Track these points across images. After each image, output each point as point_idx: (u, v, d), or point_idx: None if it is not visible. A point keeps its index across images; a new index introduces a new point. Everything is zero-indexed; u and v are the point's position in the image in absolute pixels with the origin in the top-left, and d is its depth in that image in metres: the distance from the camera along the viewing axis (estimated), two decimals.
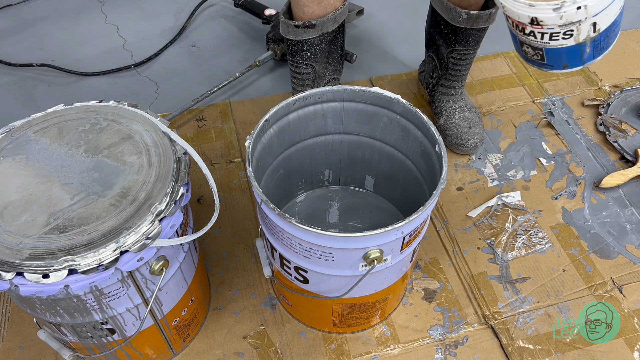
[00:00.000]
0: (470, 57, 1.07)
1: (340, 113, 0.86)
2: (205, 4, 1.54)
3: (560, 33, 0.69)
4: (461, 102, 1.14)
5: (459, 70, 1.09)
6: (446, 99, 1.14)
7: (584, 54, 0.71)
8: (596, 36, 0.69)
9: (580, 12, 0.65)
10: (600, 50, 0.72)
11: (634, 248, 0.98)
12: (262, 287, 0.94)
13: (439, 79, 1.13)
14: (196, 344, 0.87)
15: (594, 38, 0.69)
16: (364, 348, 0.87)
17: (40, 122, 0.72)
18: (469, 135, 1.11)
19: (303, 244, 0.69)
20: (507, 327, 0.88)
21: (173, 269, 0.71)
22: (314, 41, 0.98)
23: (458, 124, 1.12)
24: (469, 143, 1.10)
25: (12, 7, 1.56)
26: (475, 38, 1.02)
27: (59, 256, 0.57)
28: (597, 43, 0.70)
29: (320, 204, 1.00)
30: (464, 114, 1.13)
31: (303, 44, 0.98)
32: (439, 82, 1.14)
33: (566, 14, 0.66)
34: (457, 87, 1.13)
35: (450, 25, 1.01)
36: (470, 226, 1.02)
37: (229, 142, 1.17)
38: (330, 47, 1.02)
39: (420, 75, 1.24)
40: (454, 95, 1.14)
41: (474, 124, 1.12)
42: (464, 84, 1.14)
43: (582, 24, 0.67)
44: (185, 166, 0.68)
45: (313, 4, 0.93)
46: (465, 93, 1.16)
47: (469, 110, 1.14)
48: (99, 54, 1.41)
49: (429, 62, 1.15)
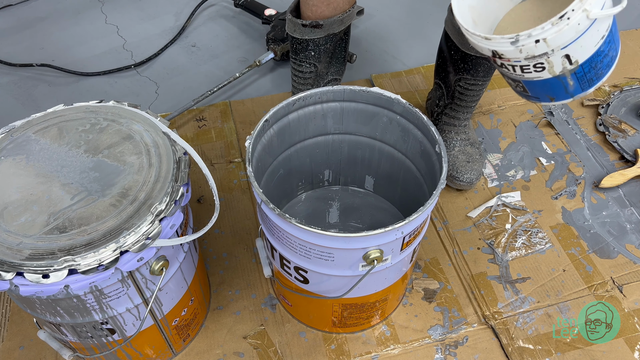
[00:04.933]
0: (478, 88, 1.01)
1: (340, 113, 0.86)
2: (205, 4, 1.54)
3: (530, 66, 0.67)
4: (464, 135, 1.09)
5: (465, 101, 1.03)
6: (448, 129, 1.09)
7: (568, 87, 0.69)
8: (575, 68, 0.66)
9: (541, 46, 0.64)
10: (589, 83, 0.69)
11: (634, 248, 0.98)
12: (262, 287, 0.94)
13: (444, 107, 1.07)
14: (196, 344, 0.87)
15: (574, 70, 0.67)
16: (364, 348, 0.87)
17: (40, 122, 0.72)
18: (465, 170, 1.05)
19: (303, 244, 0.69)
20: (507, 327, 0.88)
21: (173, 269, 0.71)
22: (320, 41, 0.98)
23: (456, 157, 1.06)
24: (465, 178, 1.04)
25: (12, 7, 1.56)
26: (484, 69, 0.97)
27: (59, 256, 0.57)
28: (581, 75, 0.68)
29: (320, 204, 1.00)
30: (464, 147, 1.08)
31: (308, 43, 0.98)
32: (443, 111, 1.08)
33: (525, 47, 0.64)
34: (462, 119, 1.07)
35: (460, 51, 0.96)
36: (470, 226, 1.02)
37: (229, 142, 1.17)
38: (334, 47, 1.02)
39: (427, 102, 1.20)
40: (457, 127, 1.08)
41: (473, 159, 1.07)
42: (469, 117, 1.08)
43: (551, 57, 0.65)
44: (185, 166, 0.68)
45: (322, 5, 0.93)
46: (470, 127, 1.10)
47: (471, 145, 1.09)
48: (99, 54, 1.41)
49: (436, 89, 1.10)
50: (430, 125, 0.76)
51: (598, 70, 0.68)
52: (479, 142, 1.11)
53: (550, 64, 0.66)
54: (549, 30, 0.62)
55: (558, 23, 0.61)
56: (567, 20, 0.61)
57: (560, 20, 0.61)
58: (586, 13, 0.61)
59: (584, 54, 0.66)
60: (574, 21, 0.61)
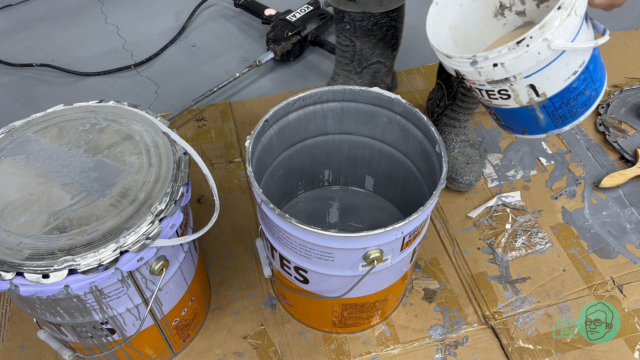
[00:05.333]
0: None
1: (340, 113, 0.86)
2: (205, 4, 1.54)
3: (494, 91, 0.63)
4: (464, 136, 1.08)
5: (466, 102, 1.02)
6: (448, 130, 1.07)
7: (538, 121, 0.65)
8: (543, 101, 0.62)
9: (499, 70, 0.60)
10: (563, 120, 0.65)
11: (634, 248, 0.98)
12: (262, 287, 0.94)
13: (445, 108, 1.06)
14: (196, 344, 0.87)
15: (542, 104, 0.62)
16: (364, 348, 0.86)
17: (40, 122, 0.72)
18: (465, 172, 1.04)
19: (303, 244, 0.69)
20: (507, 327, 0.88)
21: (173, 269, 0.71)
22: (355, 16, 0.98)
23: (456, 158, 1.05)
24: (464, 179, 1.03)
25: (12, 7, 1.56)
26: None
27: (59, 256, 0.57)
28: (552, 110, 0.63)
29: (320, 204, 1.00)
30: (464, 149, 1.07)
31: (344, 15, 0.98)
32: (444, 112, 1.07)
33: (484, 70, 0.61)
34: (462, 120, 1.06)
35: None
36: (470, 226, 1.02)
37: (229, 142, 1.17)
38: (376, 28, 1.00)
39: (428, 102, 1.19)
40: (457, 128, 1.07)
41: (473, 161, 1.06)
42: (469, 119, 1.07)
43: (514, 85, 0.61)
44: (185, 166, 0.68)
45: None
46: (470, 128, 1.09)
47: (471, 147, 1.07)
48: (99, 54, 1.41)
49: (438, 89, 1.09)
50: (430, 125, 0.76)
51: (572, 107, 0.63)
52: (479, 143, 1.11)
53: (515, 92, 0.62)
54: (506, 55, 0.58)
55: (515, 48, 0.58)
56: (525, 47, 0.57)
57: (517, 45, 0.57)
58: (547, 43, 0.57)
59: (552, 88, 0.61)
60: (533, 49, 0.57)
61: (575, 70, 0.60)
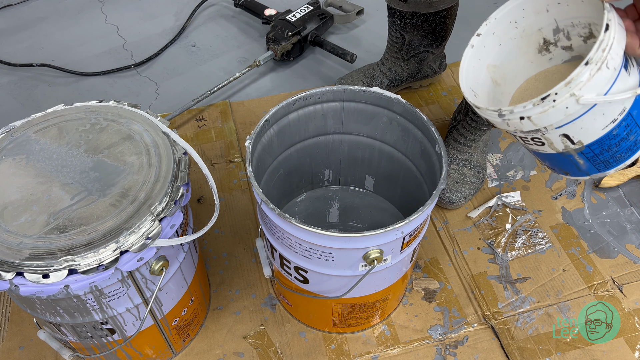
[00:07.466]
0: None
1: (340, 113, 0.86)
2: (205, 4, 1.54)
3: (528, 139, 0.60)
4: (466, 155, 1.04)
5: (475, 122, 0.99)
6: (453, 144, 1.05)
7: (579, 165, 0.61)
8: (581, 149, 0.58)
9: (527, 123, 0.56)
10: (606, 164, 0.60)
11: (634, 247, 0.98)
12: (262, 287, 0.94)
13: (458, 122, 1.04)
14: (196, 344, 0.87)
15: (579, 150, 0.58)
16: (364, 348, 0.87)
17: (40, 122, 0.72)
18: (450, 189, 1.01)
19: (303, 244, 0.69)
20: (507, 327, 0.88)
21: (173, 269, 0.71)
22: (406, 14, 0.99)
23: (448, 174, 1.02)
24: (446, 196, 1.01)
25: (12, 7, 1.56)
26: None
27: (59, 256, 0.57)
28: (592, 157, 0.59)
29: (320, 204, 1.00)
30: (462, 167, 1.03)
31: (395, 11, 0.99)
32: (456, 126, 1.05)
33: (511, 122, 0.57)
34: (469, 139, 1.03)
35: None
36: (470, 226, 1.02)
37: (229, 142, 1.17)
38: (426, 25, 1.01)
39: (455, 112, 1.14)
40: (462, 146, 1.04)
41: (466, 182, 1.02)
42: (477, 139, 1.03)
43: (546, 134, 0.57)
44: (185, 166, 0.68)
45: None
46: (477, 149, 1.06)
47: (472, 168, 1.04)
48: (99, 54, 1.41)
49: (464, 100, 1.05)
50: (430, 125, 0.76)
51: (614, 153, 0.59)
52: (483, 168, 1.06)
53: (548, 141, 0.59)
54: (531, 110, 0.55)
55: (540, 104, 0.54)
56: (551, 102, 0.54)
57: (542, 101, 0.54)
58: (575, 98, 0.53)
59: (588, 137, 0.57)
60: (560, 104, 0.53)
61: (615, 118, 0.56)
